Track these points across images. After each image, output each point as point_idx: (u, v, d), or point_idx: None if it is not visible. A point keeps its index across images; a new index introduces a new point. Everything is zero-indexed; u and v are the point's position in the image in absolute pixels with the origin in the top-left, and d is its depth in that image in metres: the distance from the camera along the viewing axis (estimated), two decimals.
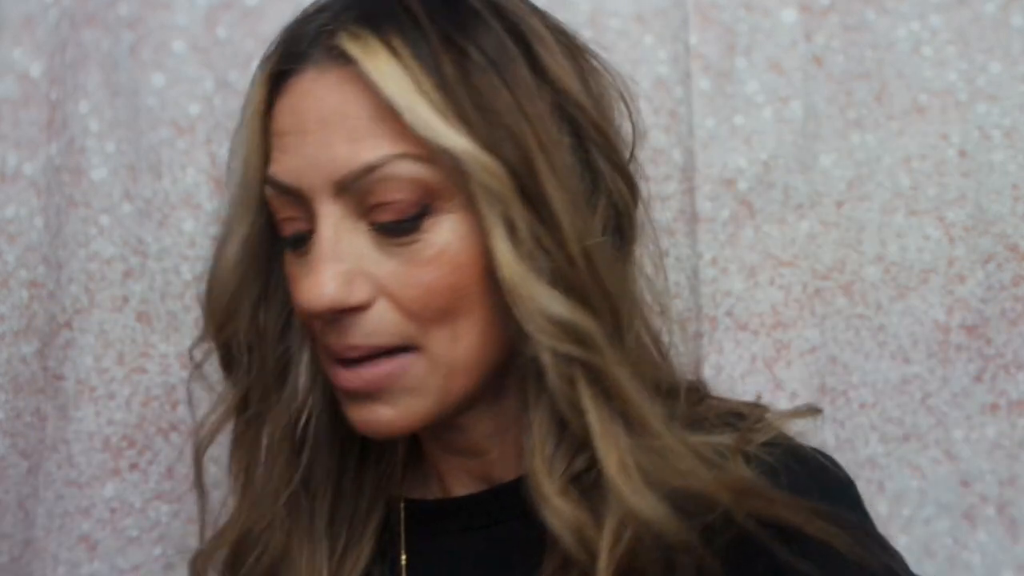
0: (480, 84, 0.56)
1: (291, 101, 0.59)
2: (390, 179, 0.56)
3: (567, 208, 0.57)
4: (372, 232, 0.58)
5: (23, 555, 0.86)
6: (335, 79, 0.58)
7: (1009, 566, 0.90)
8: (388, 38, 0.57)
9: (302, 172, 0.58)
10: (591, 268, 0.57)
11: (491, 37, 0.58)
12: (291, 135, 0.59)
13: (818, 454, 0.61)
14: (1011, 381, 0.90)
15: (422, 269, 0.57)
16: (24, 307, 0.85)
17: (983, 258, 0.89)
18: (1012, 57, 0.89)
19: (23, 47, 0.84)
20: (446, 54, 0.56)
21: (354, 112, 0.57)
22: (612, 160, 0.61)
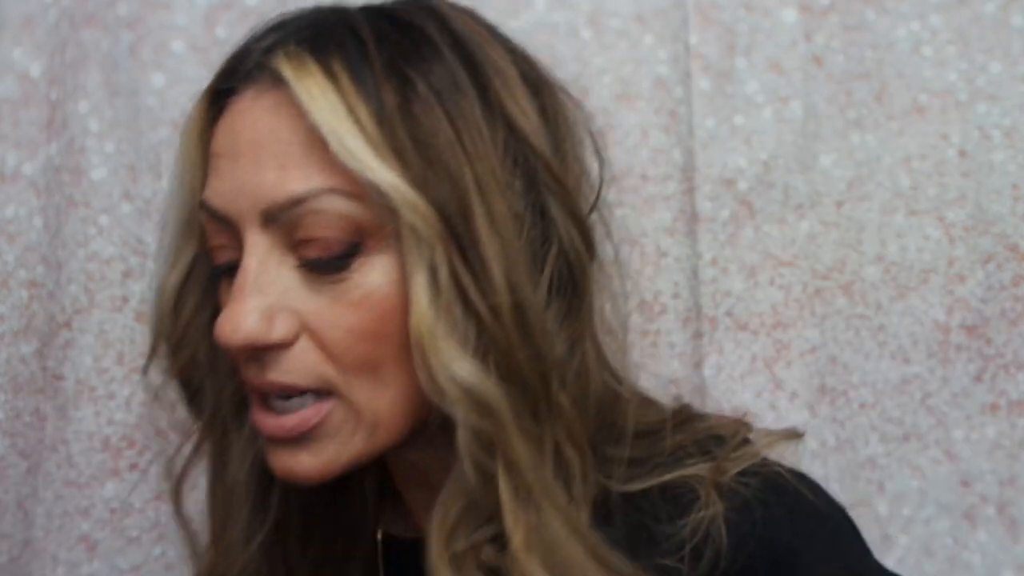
0: (421, 117, 0.53)
1: (228, 121, 0.56)
2: (318, 213, 0.53)
3: (502, 257, 0.53)
4: (299, 267, 0.54)
5: (22, 555, 0.86)
6: (272, 101, 0.54)
7: (1009, 566, 0.90)
8: (328, 60, 0.53)
9: (231, 197, 0.55)
10: (520, 324, 0.53)
11: (442, 68, 0.55)
12: (224, 158, 0.56)
13: (800, 482, 0.58)
14: (1011, 381, 0.90)
15: (348, 311, 0.54)
16: (23, 307, 0.85)
17: (983, 258, 0.89)
18: (1012, 57, 0.89)
19: (23, 47, 0.84)
20: (388, 82, 0.53)
21: (286, 138, 0.53)
22: (567, 207, 0.57)
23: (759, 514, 0.55)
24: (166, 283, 0.61)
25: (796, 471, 0.59)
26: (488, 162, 0.54)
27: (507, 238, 0.53)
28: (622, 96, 0.87)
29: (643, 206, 0.87)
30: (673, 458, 0.58)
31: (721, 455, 0.58)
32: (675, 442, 0.60)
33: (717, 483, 0.56)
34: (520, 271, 0.53)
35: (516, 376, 0.53)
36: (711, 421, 0.63)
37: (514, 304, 0.53)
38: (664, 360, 0.86)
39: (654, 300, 0.87)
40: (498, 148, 0.54)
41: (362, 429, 0.56)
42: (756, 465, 0.57)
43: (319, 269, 0.54)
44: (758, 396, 0.88)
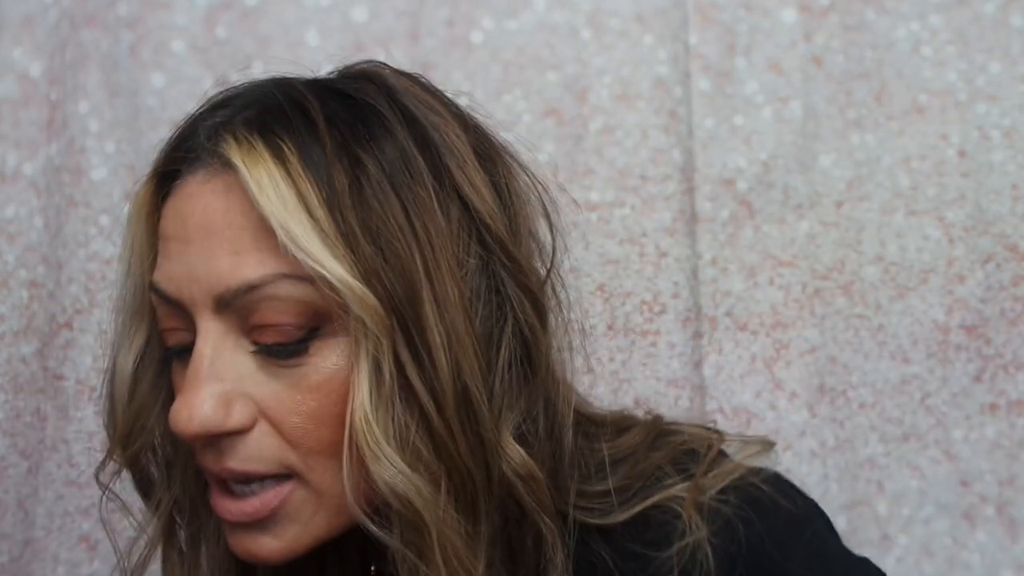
0: (372, 201, 0.52)
1: (176, 204, 0.55)
2: (273, 299, 0.52)
3: (449, 345, 0.52)
4: (256, 352, 0.53)
5: (23, 555, 0.86)
6: (221, 186, 0.53)
7: (1008, 566, 0.90)
8: (278, 144, 0.52)
9: (183, 283, 0.54)
10: (464, 413, 0.53)
11: (394, 148, 0.54)
12: (175, 241, 0.54)
13: (776, 490, 0.58)
14: (1010, 381, 0.90)
15: (306, 395, 0.53)
16: (24, 307, 0.85)
17: (982, 258, 0.89)
18: (1011, 57, 0.89)
19: (23, 47, 0.84)
20: (339, 163, 0.52)
21: (238, 223, 0.52)
22: (520, 284, 0.56)
23: (742, 532, 0.56)
24: (120, 367, 0.60)
25: (771, 477, 0.60)
26: (440, 245, 0.53)
27: (456, 324, 0.52)
28: (622, 96, 0.87)
29: (643, 206, 0.87)
30: (652, 480, 0.59)
31: (698, 473, 0.58)
32: (651, 463, 0.60)
33: (698, 504, 0.57)
34: (468, 357, 0.53)
35: (455, 467, 0.53)
36: (684, 435, 0.63)
37: (459, 392, 0.52)
38: (664, 360, 0.86)
39: (654, 300, 0.87)
40: (452, 228, 0.54)
41: (323, 510, 0.55)
42: (735, 480, 0.58)
43: (276, 355, 0.53)
44: (758, 396, 0.88)
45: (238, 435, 0.53)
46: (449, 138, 0.56)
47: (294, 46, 0.86)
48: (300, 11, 0.86)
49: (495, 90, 0.87)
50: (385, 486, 0.51)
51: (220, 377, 0.53)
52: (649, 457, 0.60)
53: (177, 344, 0.56)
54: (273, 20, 0.86)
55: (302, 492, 0.54)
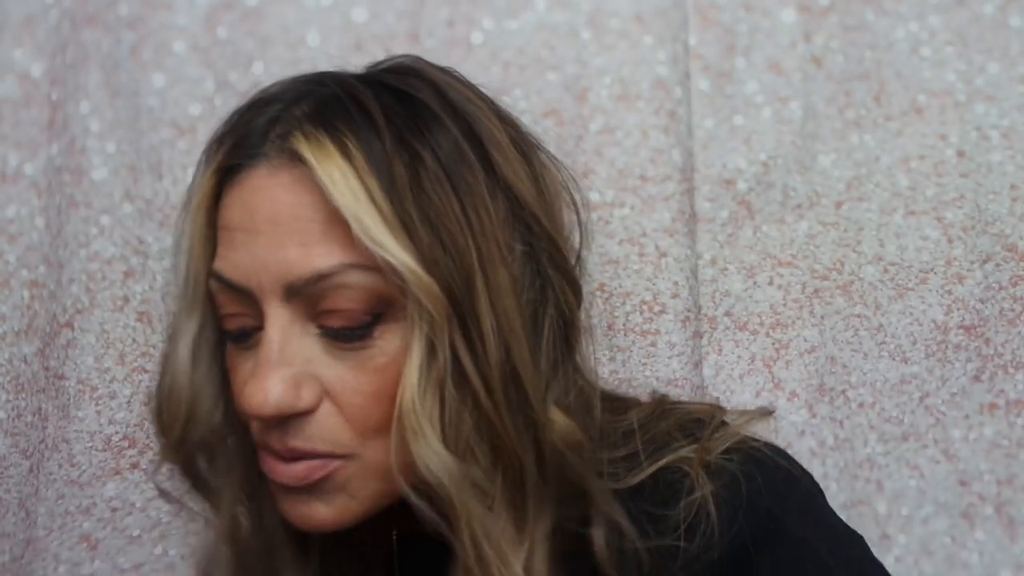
0: (431, 192, 0.55)
1: (242, 196, 0.57)
2: (342, 287, 0.55)
3: (500, 330, 0.55)
4: (321, 335, 0.57)
5: (24, 554, 0.86)
6: (288, 179, 0.56)
7: (1007, 565, 0.90)
8: (342, 139, 0.55)
9: (251, 272, 0.56)
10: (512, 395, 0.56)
11: (447, 139, 0.57)
12: (241, 232, 0.57)
13: (775, 453, 0.63)
14: (1009, 381, 0.90)
15: (370, 377, 0.56)
16: (25, 307, 0.85)
17: (981, 258, 0.90)
18: (1010, 58, 0.89)
19: (24, 47, 0.84)
20: (399, 157, 0.55)
21: (307, 215, 0.55)
22: (561, 268, 0.61)
23: (746, 487, 0.60)
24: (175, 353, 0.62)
25: (770, 444, 0.64)
26: (491, 233, 0.56)
27: (507, 309, 0.56)
28: (622, 96, 0.87)
29: (643, 206, 0.87)
30: (662, 444, 0.63)
31: (704, 436, 0.62)
32: (661, 430, 0.64)
33: (705, 463, 0.61)
34: (518, 340, 0.56)
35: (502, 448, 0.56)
36: (690, 407, 0.68)
37: (507, 375, 0.56)
38: (664, 360, 0.87)
39: (654, 300, 0.87)
40: (501, 216, 0.57)
41: (373, 483, 0.58)
42: (737, 442, 0.62)
43: (342, 338, 0.56)
44: (757, 396, 0.88)
45: (303, 416, 0.56)
46: (491, 130, 0.59)
47: (295, 46, 0.86)
48: (301, 11, 0.86)
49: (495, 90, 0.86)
50: (423, 466, 0.54)
51: (289, 361, 0.56)
52: (658, 426, 0.64)
53: (238, 328, 0.59)
54: (274, 20, 0.86)
55: (354, 466, 0.57)
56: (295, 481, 0.57)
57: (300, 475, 0.57)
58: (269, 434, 0.58)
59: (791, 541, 0.59)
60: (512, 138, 0.61)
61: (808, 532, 0.60)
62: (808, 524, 0.61)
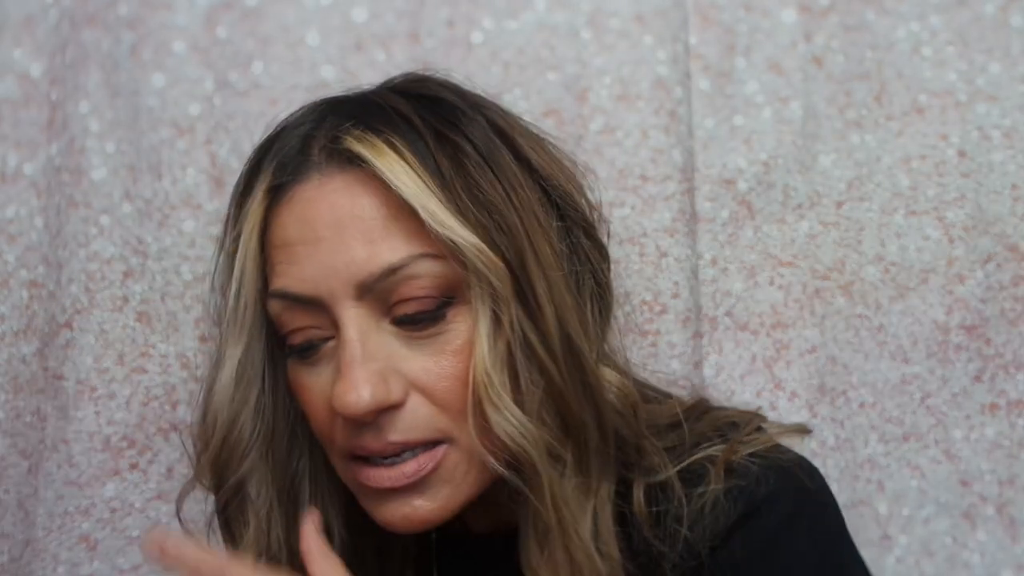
0: (476, 177, 0.58)
1: (296, 211, 0.59)
2: (412, 277, 0.57)
3: (553, 300, 0.58)
4: (396, 328, 0.59)
5: (23, 555, 0.86)
6: (342, 183, 0.58)
7: (1008, 566, 0.90)
8: (389, 139, 0.58)
9: (319, 280, 0.58)
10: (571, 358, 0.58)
11: (479, 130, 0.60)
12: (301, 245, 0.59)
13: (801, 469, 0.63)
14: (1010, 381, 0.90)
15: (451, 359, 0.58)
16: (24, 307, 0.85)
17: (982, 258, 0.89)
18: (1012, 58, 0.89)
19: (23, 47, 0.84)
20: (442, 151, 0.58)
21: (368, 214, 0.57)
22: (592, 237, 0.64)
23: (763, 490, 0.61)
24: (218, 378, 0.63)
25: (804, 461, 0.64)
26: (532, 210, 0.59)
27: (555, 280, 0.59)
28: (622, 96, 0.87)
29: (643, 206, 0.87)
30: (695, 443, 0.64)
31: (735, 438, 0.63)
32: (697, 430, 0.65)
33: (728, 461, 0.62)
34: (568, 307, 0.59)
35: (569, 413, 0.59)
36: (728, 411, 0.69)
37: (564, 340, 0.58)
38: (664, 360, 0.86)
39: (654, 300, 0.87)
40: (536, 196, 0.61)
41: (474, 469, 0.60)
42: (766, 450, 0.63)
43: (416, 324, 0.58)
44: (758, 396, 0.88)
45: (395, 409, 0.58)
46: (509, 121, 0.64)
47: (294, 46, 0.86)
48: (300, 11, 0.86)
49: (495, 90, 0.87)
50: (505, 434, 0.57)
51: (373, 358, 0.58)
52: (696, 424, 0.66)
53: (304, 342, 0.60)
54: (274, 20, 0.86)
55: (455, 454, 0.59)
56: (403, 480, 0.58)
57: (409, 473, 0.58)
58: (362, 436, 0.59)
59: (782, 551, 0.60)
60: (523, 127, 0.65)
61: (803, 548, 0.60)
62: (806, 542, 0.60)
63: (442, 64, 0.87)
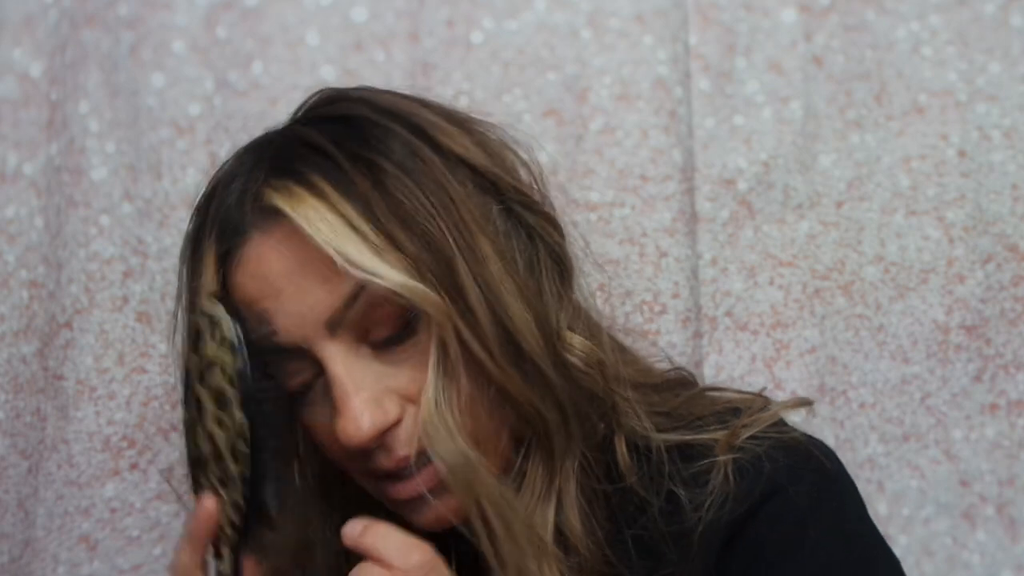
0: (397, 196, 0.58)
1: (250, 270, 0.60)
2: (374, 304, 0.58)
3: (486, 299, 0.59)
4: (375, 352, 0.60)
5: (23, 555, 0.86)
6: (280, 234, 0.59)
7: (1008, 566, 0.90)
8: (307, 179, 0.58)
9: (291, 328, 0.59)
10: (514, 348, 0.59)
11: (397, 142, 0.60)
12: (263, 300, 0.60)
13: (811, 445, 0.63)
14: (1010, 381, 0.90)
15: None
16: (24, 307, 0.85)
17: (982, 258, 0.89)
18: (1012, 57, 0.89)
19: (23, 47, 0.84)
20: (359, 174, 0.58)
21: (314, 256, 0.58)
22: (536, 211, 0.64)
23: (768, 467, 0.61)
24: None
25: (811, 437, 0.64)
26: (464, 209, 0.59)
27: (491, 273, 0.59)
28: (622, 96, 0.87)
29: (643, 206, 0.87)
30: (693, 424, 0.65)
31: (735, 424, 0.63)
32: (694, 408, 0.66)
33: (730, 444, 0.62)
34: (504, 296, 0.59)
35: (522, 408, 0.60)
36: (730, 395, 0.69)
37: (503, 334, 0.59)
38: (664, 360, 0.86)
39: (654, 300, 0.87)
40: (468, 190, 0.61)
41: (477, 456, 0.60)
42: (771, 429, 0.63)
43: (393, 344, 0.59)
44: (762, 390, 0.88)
45: (396, 427, 0.59)
46: (427, 117, 0.63)
47: (294, 46, 0.86)
48: (300, 11, 0.86)
49: (495, 90, 0.87)
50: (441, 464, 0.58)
51: (362, 386, 0.59)
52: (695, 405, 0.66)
53: (300, 385, 0.62)
54: (273, 20, 0.86)
55: None
56: (425, 486, 0.60)
57: (426, 483, 0.60)
58: (375, 460, 0.60)
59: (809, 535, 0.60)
60: (446, 117, 0.64)
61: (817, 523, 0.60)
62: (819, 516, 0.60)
63: (442, 64, 0.87)
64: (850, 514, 0.63)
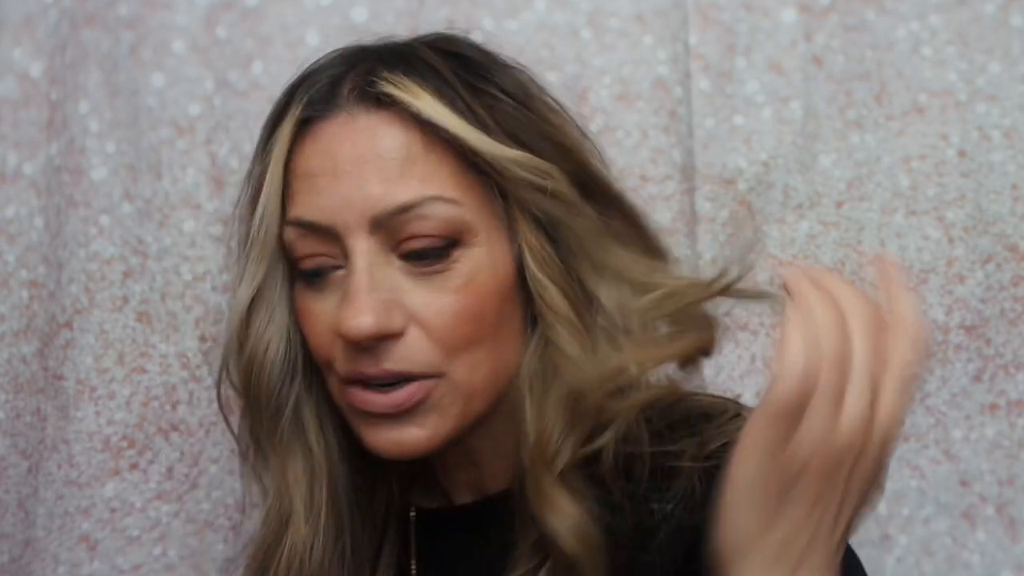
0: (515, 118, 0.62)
1: (322, 144, 0.62)
2: (422, 218, 0.60)
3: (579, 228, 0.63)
4: (403, 263, 0.61)
5: (23, 555, 0.86)
6: (366, 123, 0.62)
7: (1008, 566, 0.90)
8: (420, 82, 0.61)
9: (336, 211, 0.61)
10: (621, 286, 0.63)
11: (510, 81, 0.64)
12: (323, 176, 0.62)
13: None
14: (1010, 381, 0.90)
15: (452, 297, 0.61)
16: (24, 307, 0.85)
17: (982, 258, 0.89)
18: (1012, 57, 0.89)
19: (23, 47, 0.84)
20: (476, 100, 0.62)
21: (388, 154, 0.61)
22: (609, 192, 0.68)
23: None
24: (239, 296, 0.66)
25: None
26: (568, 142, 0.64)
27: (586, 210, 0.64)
28: (622, 96, 0.87)
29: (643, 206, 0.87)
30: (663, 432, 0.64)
31: (705, 434, 0.62)
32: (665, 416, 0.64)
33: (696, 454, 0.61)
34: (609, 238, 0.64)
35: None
36: (701, 399, 0.68)
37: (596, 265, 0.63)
38: None
39: None
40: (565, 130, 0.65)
41: (460, 401, 0.62)
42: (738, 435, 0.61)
43: (421, 260, 0.61)
44: (758, 396, 0.88)
45: (393, 339, 0.61)
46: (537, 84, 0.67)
47: (294, 46, 0.86)
48: (300, 11, 0.86)
49: None
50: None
51: (378, 287, 0.61)
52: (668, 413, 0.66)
53: (315, 267, 0.63)
54: (273, 20, 0.86)
55: (444, 387, 0.62)
56: (393, 408, 0.61)
57: (399, 401, 0.61)
58: (361, 361, 0.61)
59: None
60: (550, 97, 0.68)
61: None
62: None
63: None
64: None
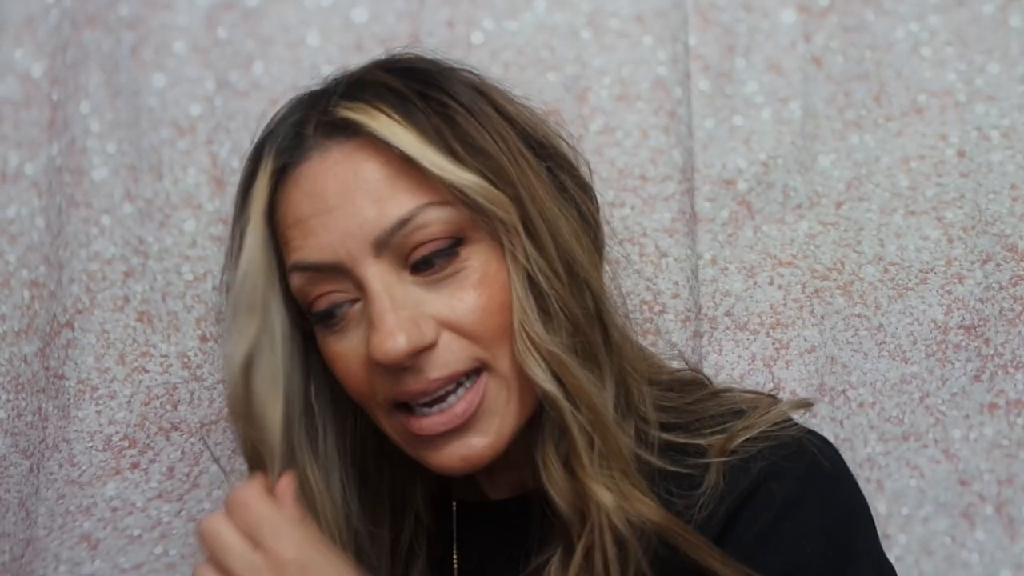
0: (466, 128, 0.62)
1: (305, 187, 0.63)
2: (422, 227, 0.61)
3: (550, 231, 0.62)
4: (416, 276, 0.62)
5: (25, 554, 0.86)
6: (340, 154, 0.62)
7: (1007, 565, 0.90)
8: (379, 107, 0.62)
9: (336, 246, 0.61)
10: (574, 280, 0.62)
11: (459, 87, 0.64)
12: (315, 217, 0.62)
13: (806, 441, 0.63)
14: (1009, 381, 0.90)
15: (472, 294, 0.61)
16: (25, 307, 0.85)
17: (981, 258, 0.90)
18: (1011, 58, 0.89)
19: (24, 48, 0.84)
20: (430, 108, 0.62)
21: (371, 176, 0.61)
22: (576, 178, 0.67)
23: (757, 466, 0.62)
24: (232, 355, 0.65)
25: (812, 433, 0.64)
26: (520, 153, 0.63)
27: (551, 212, 0.63)
28: (622, 97, 0.87)
29: (643, 206, 0.87)
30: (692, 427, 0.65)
31: (732, 429, 0.64)
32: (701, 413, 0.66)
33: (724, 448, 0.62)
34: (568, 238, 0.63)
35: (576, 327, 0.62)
36: (735, 396, 0.69)
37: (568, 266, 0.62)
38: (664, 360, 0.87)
39: (654, 300, 0.87)
40: (520, 141, 0.64)
41: (515, 395, 0.63)
42: (773, 428, 0.63)
43: (434, 266, 0.62)
44: None
45: (429, 350, 0.61)
46: (481, 79, 0.67)
47: (295, 47, 0.86)
48: (301, 12, 0.86)
49: None
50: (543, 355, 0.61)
51: (400, 306, 0.61)
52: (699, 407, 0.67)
53: (329, 305, 0.63)
54: (274, 21, 0.86)
55: (495, 381, 0.62)
56: (456, 421, 0.61)
57: (458, 414, 0.61)
58: (403, 381, 0.61)
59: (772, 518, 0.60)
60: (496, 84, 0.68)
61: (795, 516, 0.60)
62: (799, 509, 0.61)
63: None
64: (836, 508, 0.63)
